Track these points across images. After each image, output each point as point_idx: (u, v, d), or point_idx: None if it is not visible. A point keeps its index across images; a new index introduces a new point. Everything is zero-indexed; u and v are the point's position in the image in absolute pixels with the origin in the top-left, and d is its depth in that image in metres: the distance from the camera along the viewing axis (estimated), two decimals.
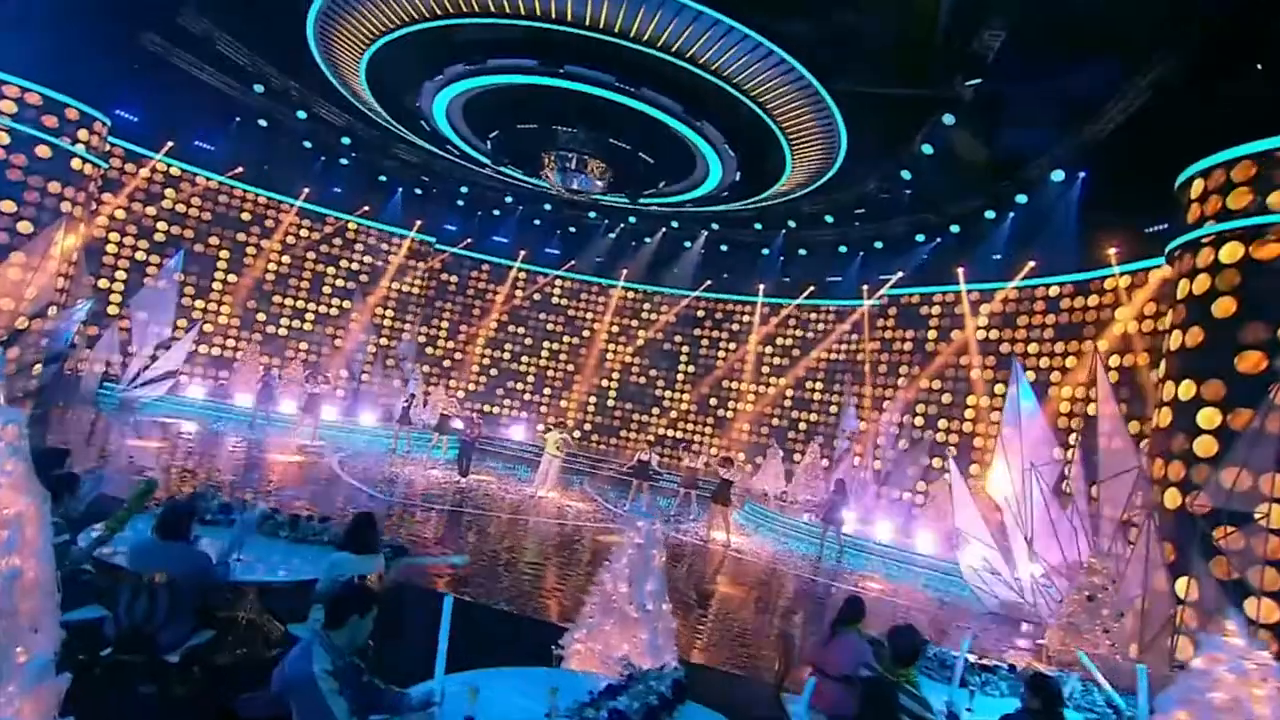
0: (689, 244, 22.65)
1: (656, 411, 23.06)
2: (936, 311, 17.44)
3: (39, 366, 11.92)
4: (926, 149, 13.15)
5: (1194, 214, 7.65)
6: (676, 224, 21.98)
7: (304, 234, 20.41)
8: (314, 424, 15.91)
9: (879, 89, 12.07)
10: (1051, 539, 9.25)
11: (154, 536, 3.60)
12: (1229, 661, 2.74)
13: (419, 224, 21.79)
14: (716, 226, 21.54)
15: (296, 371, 19.23)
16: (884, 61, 11.26)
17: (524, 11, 11.43)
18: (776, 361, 21.55)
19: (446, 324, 23.27)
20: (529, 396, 23.60)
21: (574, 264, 23.66)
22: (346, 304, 20.97)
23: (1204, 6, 9.31)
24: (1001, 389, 15.44)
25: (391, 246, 21.63)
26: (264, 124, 17.97)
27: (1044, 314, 14.97)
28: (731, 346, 22.58)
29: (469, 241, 23.09)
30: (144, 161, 17.36)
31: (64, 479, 3.95)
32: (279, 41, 14.29)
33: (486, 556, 8.86)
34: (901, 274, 18.33)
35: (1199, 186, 7.64)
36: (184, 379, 17.77)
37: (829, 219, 18.68)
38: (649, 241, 23.04)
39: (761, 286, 21.82)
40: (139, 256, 17.54)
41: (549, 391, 23.60)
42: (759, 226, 20.70)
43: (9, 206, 11.57)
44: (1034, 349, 14.98)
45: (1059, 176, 13.31)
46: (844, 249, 20.16)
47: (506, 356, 23.69)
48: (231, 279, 19.21)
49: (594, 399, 23.40)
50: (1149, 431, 10.31)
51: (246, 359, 18.83)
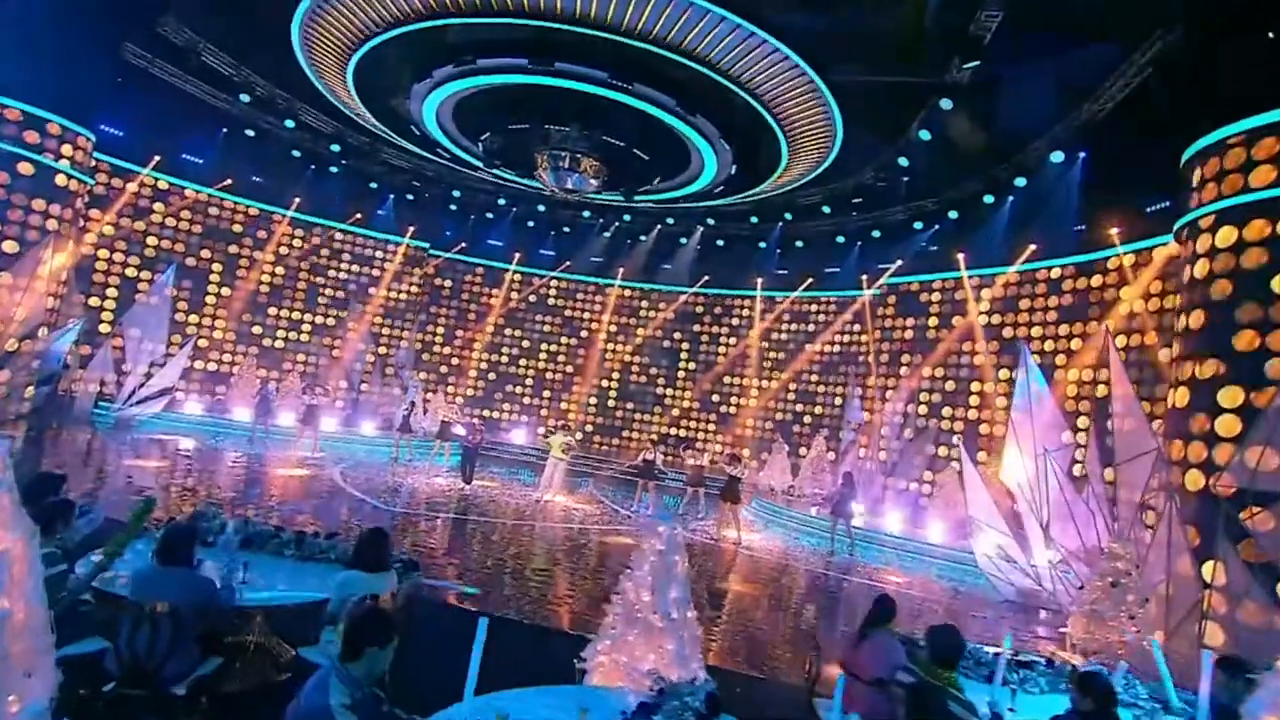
0: (685, 240, 22.49)
1: (658, 410, 22.91)
2: (937, 298, 17.31)
3: (31, 389, 11.70)
4: (924, 135, 13.00)
5: (1209, 191, 7.48)
6: (672, 220, 21.81)
7: (296, 244, 20.21)
8: (314, 436, 15.71)
9: (875, 77, 11.94)
10: (1068, 524, 9.13)
11: (154, 563, 3.43)
12: None
13: (412, 230, 21.59)
14: (712, 221, 21.37)
15: (294, 383, 19.02)
16: (879, 48, 11.10)
17: (513, 8, 11.25)
18: (777, 355, 21.42)
19: (443, 330, 23.09)
20: (529, 400, 23.41)
21: (569, 264, 23.48)
22: (342, 313, 20.78)
23: None
24: (1005, 374, 15.35)
25: (385, 254, 21.44)
26: (251, 134, 17.73)
27: (1046, 297, 14.84)
28: (731, 342, 22.44)
29: (463, 246, 22.88)
30: (131, 176, 17.13)
31: (59, 506, 3.78)
32: (264, 49, 14.08)
33: (496, 565, 8.69)
34: (900, 262, 18.20)
35: (1214, 164, 7.48)
36: (180, 395, 17.55)
37: (826, 209, 18.52)
38: (644, 239, 22.87)
39: (759, 280, 21.68)
40: (130, 273, 17.32)
41: (549, 394, 23.43)
42: (755, 220, 20.55)
43: None
44: (1037, 332, 14.85)
45: (1058, 158, 13.17)
46: (841, 239, 20.00)
47: (505, 360, 23.51)
48: (225, 292, 18.99)
49: (595, 400, 23.22)
50: (1162, 412, 10.24)
51: (243, 373, 18.62)
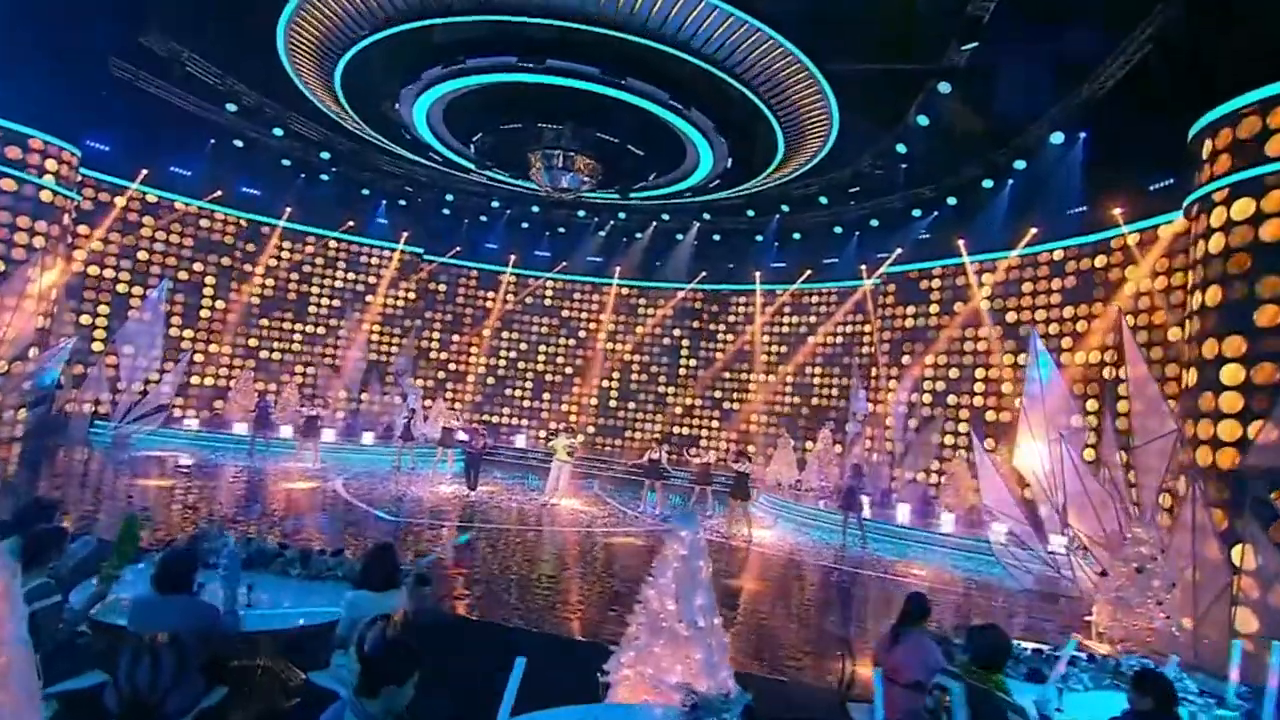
0: (681, 236, 22.31)
1: (661, 409, 22.74)
2: (938, 285, 17.18)
3: (24, 411, 11.48)
4: (922, 120, 12.83)
5: (1222, 164, 7.31)
6: (667, 217, 21.61)
7: (289, 254, 20.02)
8: (315, 447, 15.50)
9: (872, 65, 11.77)
10: (1086, 509, 8.95)
11: (153, 591, 3.24)
12: None
13: (405, 236, 21.40)
14: (708, 216, 21.18)
15: (293, 395, 18.82)
16: (876, 33, 10.93)
17: (500, 5, 11.06)
18: (779, 349, 21.27)
19: (441, 335, 22.89)
20: (530, 403, 23.23)
21: (565, 265, 23.30)
22: (338, 323, 20.60)
23: None
24: (1010, 359, 15.22)
25: (380, 260, 21.27)
26: (240, 144, 17.50)
27: (1049, 279, 14.71)
28: (732, 337, 22.29)
29: (458, 250, 22.69)
30: (120, 191, 16.92)
31: (51, 534, 3.59)
32: (249, 57, 13.86)
33: (508, 573, 8.51)
34: (900, 251, 18.06)
35: (1226, 135, 7.31)
36: (177, 411, 17.34)
37: (823, 200, 18.34)
38: (640, 237, 22.68)
39: (758, 274, 21.52)
40: (121, 289, 17.10)
41: (549, 396, 23.24)
42: (751, 213, 20.36)
43: None
44: (1041, 316, 14.72)
45: (1058, 139, 13.01)
46: (839, 230, 19.83)
47: (504, 364, 23.32)
48: (219, 305, 18.79)
49: (596, 400, 23.05)
50: (1173, 392, 10.09)
51: (240, 386, 18.41)
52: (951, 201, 16.80)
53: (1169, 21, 10.06)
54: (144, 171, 17.06)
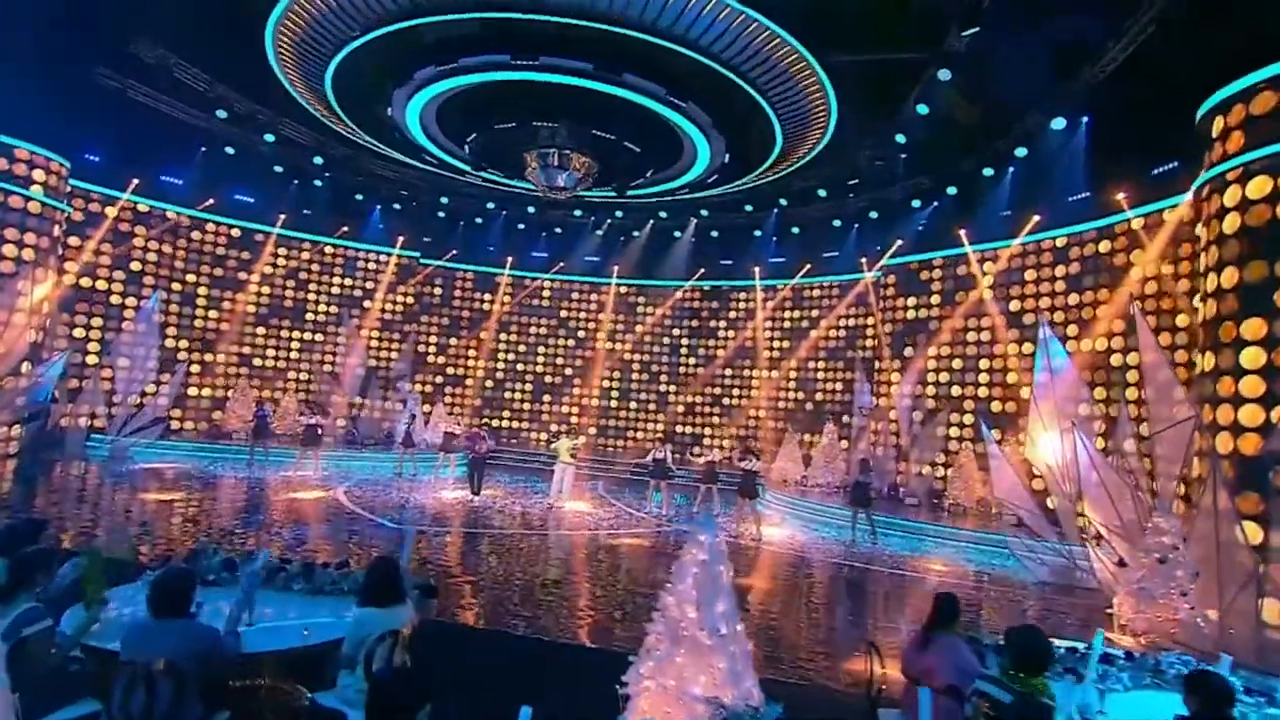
0: (679, 234, 22.14)
1: (663, 408, 22.57)
2: (939, 276, 17.04)
3: (18, 427, 11.29)
4: (922, 109, 12.67)
5: (1235, 142, 7.15)
6: (665, 214, 21.43)
7: (284, 262, 19.84)
8: (315, 456, 15.31)
9: (872, 56, 11.60)
10: (1101, 499, 8.80)
11: (147, 616, 3.07)
12: None
13: (401, 240, 21.23)
14: (705, 213, 21.02)
15: (291, 404, 18.64)
16: (874, 21, 10.76)
17: (493, 1, 10.88)
18: (782, 344, 21.11)
19: (439, 340, 22.70)
20: (531, 405, 23.06)
21: (563, 265, 23.13)
22: (335, 329, 20.42)
23: None
24: (1014, 349, 15.08)
25: (377, 265, 21.10)
26: (231, 151, 17.29)
27: (1053, 267, 14.57)
28: (732, 334, 22.12)
29: (454, 253, 22.50)
30: (111, 202, 16.72)
31: (39, 556, 3.41)
32: (237, 62, 13.66)
33: (516, 579, 8.33)
34: (900, 242, 17.91)
35: (1238, 112, 7.15)
36: (175, 422, 17.15)
37: (821, 193, 18.19)
38: (637, 235, 22.51)
39: (757, 269, 21.36)
40: (115, 301, 16.90)
41: (550, 398, 23.07)
42: (749, 208, 20.20)
43: None
44: (1045, 303, 14.58)
45: (1060, 125, 12.86)
46: (838, 223, 19.68)
47: (504, 366, 23.15)
48: (213, 315, 18.62)
49: (598, 400, 22.87)
50: (1183, 377, 9.93)
51: (238, 396, 18.22)
52: (951, 191, 16.66)
53: (1171, 2, 9.91)
54: (135, 181, 16.88)
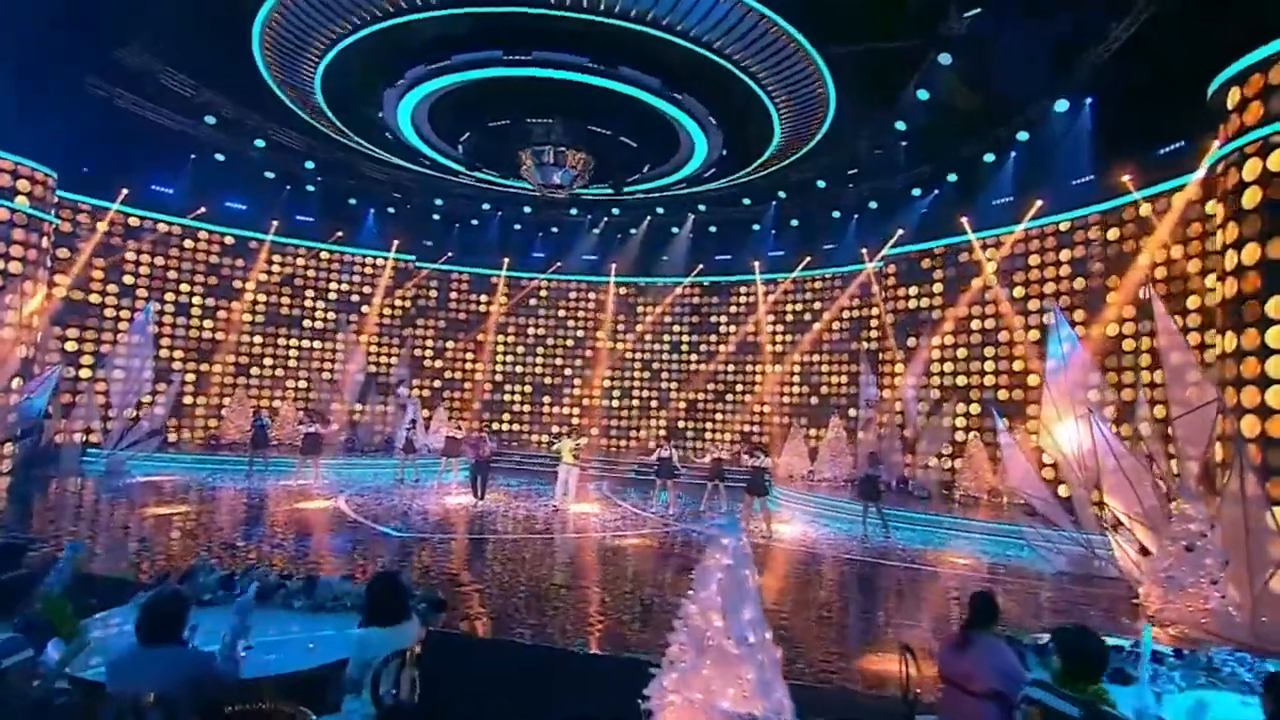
0: (676, 229, 21.92)
1: (666, 405, 22.36)
2: (942, 265, 16.84)
3: (10, 445, 11.06)
4: (922, 94, 12.46)
5: (1253, 113, 6.95)
6: (662, 210, 21.22)
7: (279, 268, 19.62)
8: (315, 464, 15.08)
9: (871, 44, 11.38)
10: (1121, 486, 8.61)
11: (136, 644, 2.85)
12: None
13: (396, 244, 21.01)
14: (703, 208, 20.80)
15: (290, 412, 18.42)
16: (873, 6, 10.55)
17: None
18: (784, 338, 20.90)
19: (438, 343, 22.46)
20: (532, 406, 22.85)
21: (560, 265, 22.92)
22: (333, 336, 20.20)
23: None
24: (1021, 336, 14.89)
25: (374, 269, 20.90)
26: (221, 158, 17.07)
27: (1057, 251, 14.38)
28: (734, 329, 21.91)
29: (450, 255, 22.27)
30: (101, 213, 16.48)
31: (17, 583, 3.19)
32: (224, 66, 13.43)
33: (525, 586, 8.12)
34: (901, 232, 17.72)
35: (1256, 82, 6.95)
36: (172, 434, 16.92)
37: (820, 184, 17.98)
38: (635, 232, 22.30)
39: (757, 264, 21.15)
40: (108, 313, 16.67)
41: (550, 399, 22.86)
42: (747, 202, 19.99)
43: None
44: (1051, 289, 14.39)
45: (1063, 107, 12.66)
46: (838, 214, 19.48)
47: (504, 368, 22.94)
48: (209, 325, 18.39)
49: (600, 400, 22.66)
50: (1199, 360, 9.73)
51: (235, 405, 17.99)
52: (952, 178, 16.46)
53: None
54: (124, 191, 16.63)
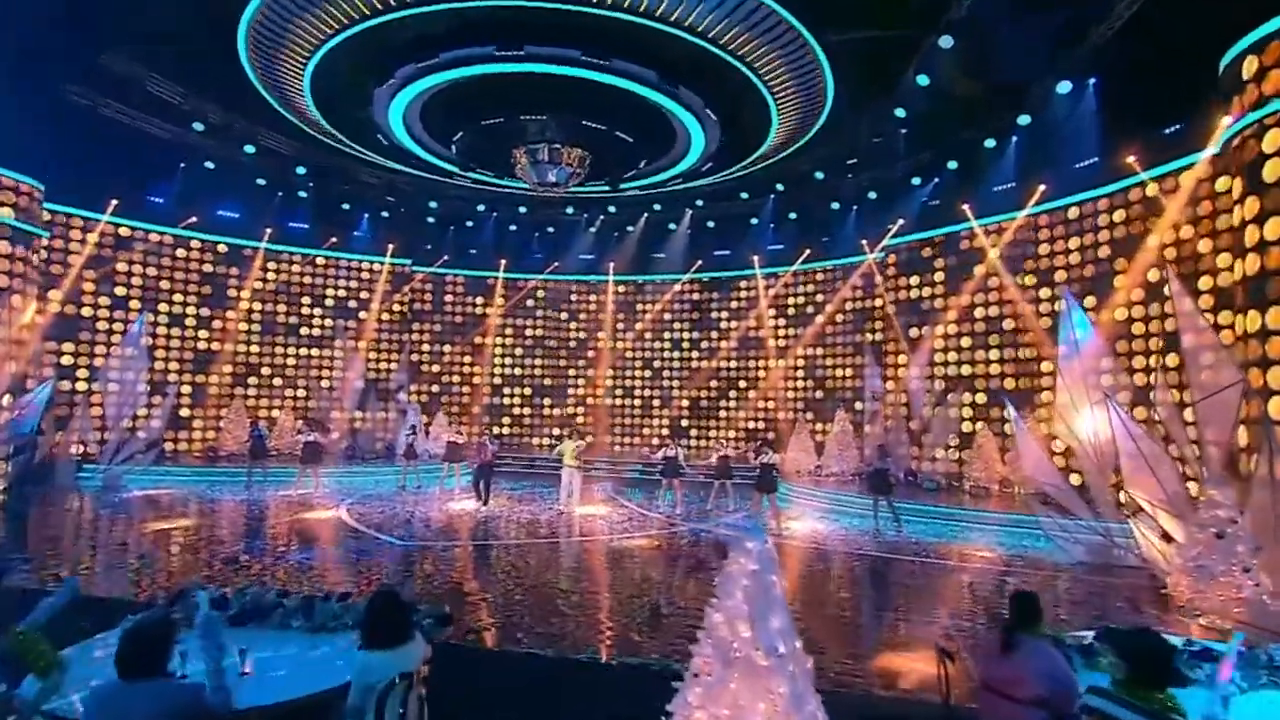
0: (674, 226, 21.70)
1: (668, 403, 22.14)
2: (944, 254, 16.63)
3: (2, 463, 10.82)
4: (922, 80, 12.23)
5: (1273, 82, 6.71)
6: (659, 207, 21.00)
7: (274, 276, 19.39)
8: (315, 473, 14.84)
9: (869, 28, 11.16)
10: (1142, 472, 8.38)
11: (116, 677, 2.62)
12: None
13: (391, 248, 20.77)
14: (701, 203, 20.58)
15: (289, 421, 18.18)
16: None
17: None
18: (787, 332, 20.69)
19: (436, 347, 22.22)
20: (533, 408, 22.64)
21: (558, 265, 22.69)
22: (330, 343, 19.98)
23: None
24: (1029, 323, 14.68)
25: (370, 274, 20.68)
26: (211, 166, 16.82)
27: (1066, 240, 14.16)
28: (735, 324, 21.69)
29: (445, 258, 22.02)
30: (91, 225, 16.23)
31: None
32: (211, 71, 13.18)
33: (530, 592, 7.89)
34: (902, 221, 17.50)
35: (1275, 50, 6.71)
36: (169, 446, 16.68)
37: (819, 175, 17.76)
38: (632, 230, 22.07)
39: (756, 258, 20.93)
40: (101, 326, 16.44)
41: (551, 400, 22.64)
42: (745, 195, 19.77)
43: None
44: (1060, 276, 14.16)
45: (1066, 88, 12.43)
46: (837, 205, 19.26)
47: (503, 371, 22.72)
48: (204, 335, 18.15)
49: (601, 400, 22.44)
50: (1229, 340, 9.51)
51: (232, 416, 17.75)
52: (952, 166, 16.24)
53: None
54: (114, 202, 16.36)
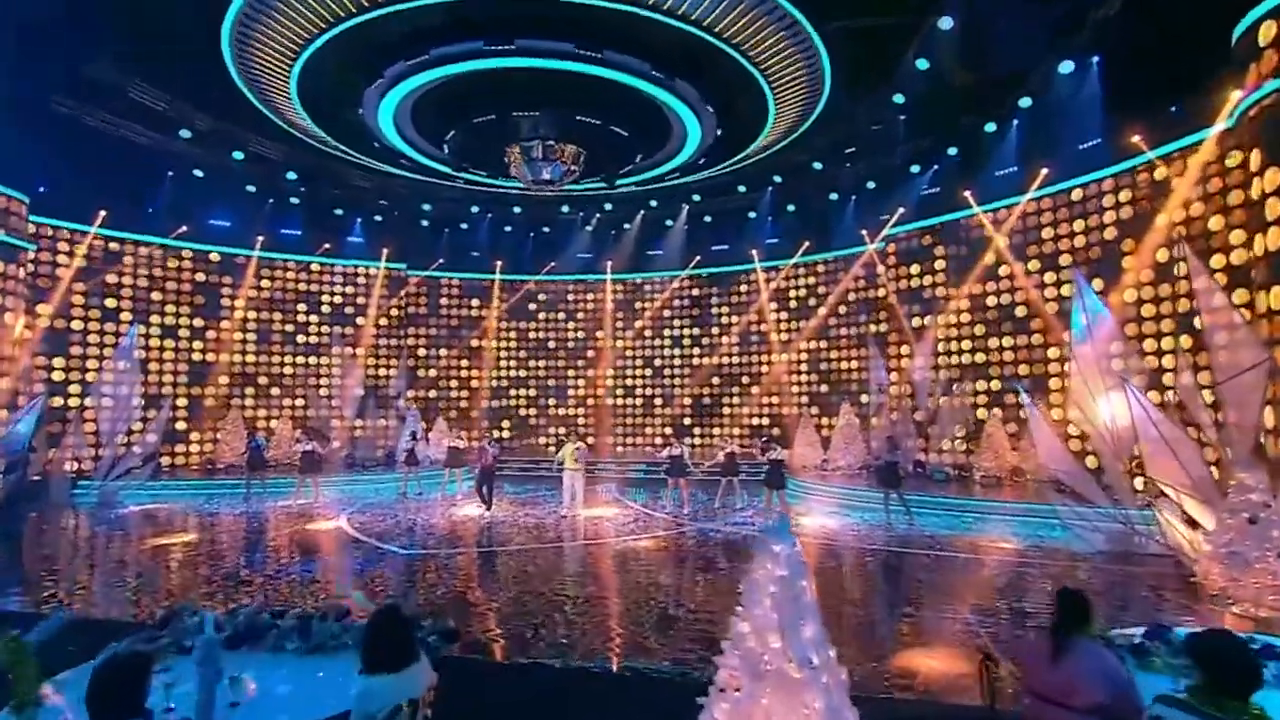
0: (671, 222, 21.49)
1: (670, 401, 21.91)
2: (946, 241, 16.41)
3: None
4: (922, 64, 12.00)
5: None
6: (655, 203, 20.76)
7: (268, 284, 19.12)
8: (315, 483, 14.59)
9: (866, 19, 10.93)
10: (1164, 456, 8.15)
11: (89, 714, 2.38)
12: None
13: (386, 253, 20.52)
14: (697, 198, 20.34)
15: (287, 431, 17.92)
16: None
17: None
18: (789, 325, 20.46)
19: (433, 352, 21.97)
20: (534, 411, 22.40)
21: (555, 265, 22.46)
22: (326, 350, 19.73)
23: None
24: (1037, 308, 14.47)
25: (366, 279, 20.43)
26: (200, 174, 16.56)
27: (1070, 222, 13.94)
28: (735, 319, 21.46)
29: (441, 261, 21.77)
30: (80, 237, 15.96)
31: None
32: (195, 76, 12.91)
33: (539, 601, 7.64)
34: (902, 210, 17.29)
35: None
36: (165, 460, 16.42)
37: (817, 165, 17.52)
38: (629, 228, 21.84)
39: (755, 252, 20.70)
40: (92, 339, 16.17)
41: (552, 402, 22.41)
42: (742, 189, 19.53)
43: None
44: (1066, 260, 13.94)
45: (1068, 68, 12.21)
46: (835, 196, 19.04)
47: (502, 373, 22.47)
48: (198, 346, 17.88)
49: (602, 400, 22.20)
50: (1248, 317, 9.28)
51: (230, 427, 17.49)
52: (952, 152, 16.03)
53: None
54: (103, 213, 16.09)
